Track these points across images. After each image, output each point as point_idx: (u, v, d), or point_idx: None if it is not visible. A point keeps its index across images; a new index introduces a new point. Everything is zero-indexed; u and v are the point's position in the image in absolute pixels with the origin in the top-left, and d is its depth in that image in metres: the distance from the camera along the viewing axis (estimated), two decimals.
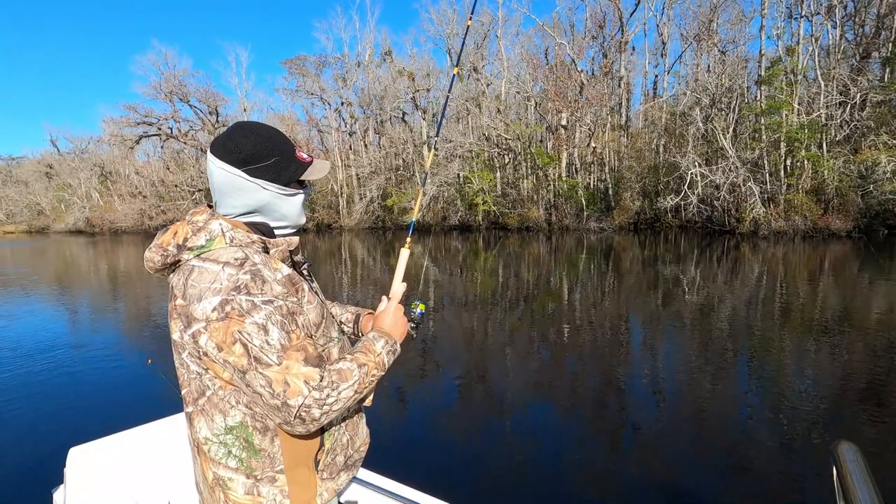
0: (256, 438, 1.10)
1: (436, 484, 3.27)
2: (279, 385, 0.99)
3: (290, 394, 0.99)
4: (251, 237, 1.10)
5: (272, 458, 1.11)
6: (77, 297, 12.27)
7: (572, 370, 5.96)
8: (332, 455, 1.20)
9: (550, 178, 31.74)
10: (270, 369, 0.99)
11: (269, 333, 1.00)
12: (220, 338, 1.00)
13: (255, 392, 1.01)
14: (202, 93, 46.38)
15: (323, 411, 1.02)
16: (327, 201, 41.63)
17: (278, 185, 1.12)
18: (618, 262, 16.14)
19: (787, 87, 24.47)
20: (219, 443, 1.10)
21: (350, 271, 15.98)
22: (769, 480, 3.36)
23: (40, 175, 63.43)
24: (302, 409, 1.00)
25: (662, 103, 31.63)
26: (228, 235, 1.08)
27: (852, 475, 0.82)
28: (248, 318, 0.99)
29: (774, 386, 5.13)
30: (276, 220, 1.17)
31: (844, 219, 21.95)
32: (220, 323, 0.99)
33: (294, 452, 1.13)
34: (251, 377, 1.00)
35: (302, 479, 1.15)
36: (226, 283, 1.00)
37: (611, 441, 4.06)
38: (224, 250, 1.06)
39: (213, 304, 0.99)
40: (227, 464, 1.10)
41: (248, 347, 0.99)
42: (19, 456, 3.74)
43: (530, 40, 37.22)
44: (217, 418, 1.09)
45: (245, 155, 1.08)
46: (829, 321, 7.70)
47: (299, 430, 1.04)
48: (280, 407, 1.00)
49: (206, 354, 1.03)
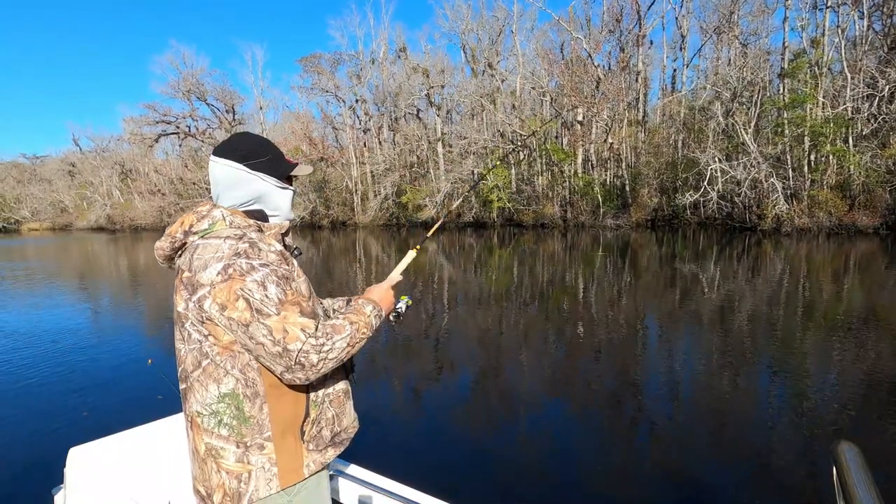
0: (246, 405, 1.19)
1: (448, 483, 3.23)
2: (279, 332, 1.11)
3: (289, 340, 1.11)
4: (248, 221, 1.27)
5: (260, 425, 1.20)
6: (83, 295, 12.43)
7: (588, 369, 5.85)
8: (317, 427, 1.28)
9: (566, 174, 31.43)
10: (270, 319, 1.11)
11: (268, 289, 1.13)
12: (225, 297, 1.12)
13: (258, 343, 1.12)
14: (219, 91, 47.02)
15: (320, 357, 1.13)
16: (342, 198, 41.85)
17: (275, 178, 1.31)
18: (635, 260, 15.89)
19: (812, 80, 23.80)
20: (211, 413, 1.20)
21: (365, 267, 16.00)
22: (789, 481, 3.25)
23: (63, 173, 64.95)
24: (301, 353, 1.11)
25: (681, 98, 31.04)
26: (228, 220, 1.25)
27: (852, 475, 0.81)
28: (249, 277, 1.12)
29: (796, 386, 4.96)
30: (272, 210, 1.33)
31: (871, 215, 21.33)
32: (224, 284, 1.12)
33: (281, 419, 1.22)
34: (254, 329, 1.11)
35: (289, 448, 1.24)
36: (227, 251, 1.15)
37: (627, 440, 3.97)
38: (225, 230, 1.22)
39: (217, 269, 1.13)
40: (219, 432, 1.19)
41: (250, 301, 1.11)
42: (19, 456, 3.74)
43: (546, 35, 36.84)
44: (211, 387, 1.19)
45: (244, 152, 1.28)
46: (855, 320, 7.44)
47: (300, 376, 1.13)
48: (281, 353, 1.11)
49: (210, 318, 1.15)
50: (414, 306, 9.42)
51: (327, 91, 42.80)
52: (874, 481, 0.79)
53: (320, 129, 45.12)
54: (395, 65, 41.30)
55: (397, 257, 19.03)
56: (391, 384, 5.18)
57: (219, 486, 1.21)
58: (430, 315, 8.81)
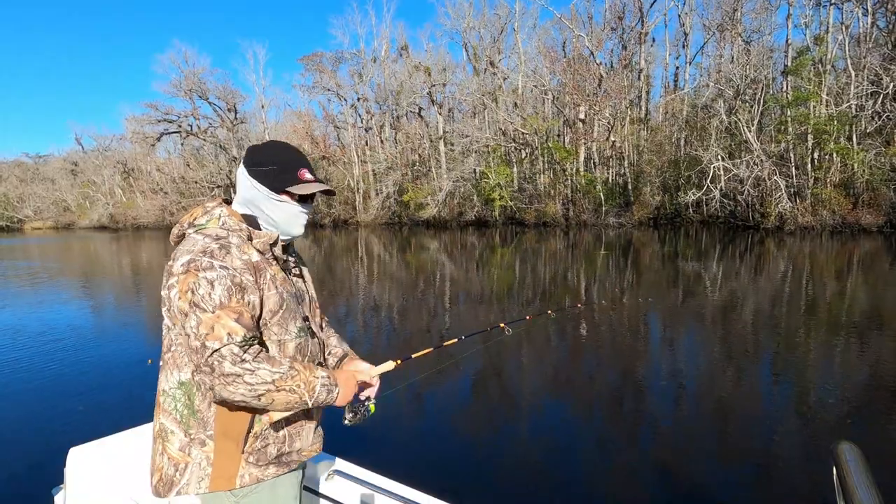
0: (197, 399, 1.22)
1: (449, 483, 3.22)
2: (205, 327, 1.11)
3: (210, 337, 1.11)
4: (241, 225, 1.29)
5: (205, 422, 1.23)
6: (84, 294, 12.46)
7: (590, 368, 5.83)
8: (262, 441, 1.27)
9: (568, 172, 31.36)
10: (205, 314, 1.12)
11: (214, 289, 1.14)
12: (181, 287, 1.15)
13: (186, 334, 1.14)
14: (221, 90, 46.99)
15: (234, 371, 1.10)
16: (344, 197, 41.86)
17: (267, 189, 1.30)
18: (637, 258, 15.86)
19: (815, 78, 23.68)
20: (171, 396, 1.24)
21: (367, 266, 16.00)
22: (790, 481, 3.24)
23: (66, 172, 65.11)
24: (216, 355, 1.10)
25: (683, 95, 30.94)
26: (223, 220, 1.28)
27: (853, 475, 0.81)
28: (202, 273, 1.14)
29: (797, 385, 4.95)
30: (265, 220, 1.34)
31: (875, 213, 21.25)
32: (183, 276, 1.15)
33: (225, 422, 1.23)
34: (188, 319, 1.13)
35: (228, 452, 1.23)
36: (199, 247, 1.18)
37: (628, 439, 3.96)
38: (213, 228, 1.25)
39: (182, 262, 1.17)
40: (174, 416, 1.23)
41: (194, 294, 1.13)
42: (20, 456, 3.74)
43: (548, 33, 36.80)
44: (174, 373, 1.23)
45: (253, 161, 1.32)
46: (858, 319, 7.40)
47: (206, 381, 1.11)
48: (199, 348, 1.11)
49: (172, 307, 1.18)
50: (414, 306, 9.39)
51: (329, 90, 42.80)
52: (874, 481, 0.79)
53: (322, 127, 45.21)
54: (397, 63, 41.29)
55: (398, 256, 19.07)
56: (390, 384, 5.17)
57: (158, 468, 1.25)
58: (430, 313, 8.80)
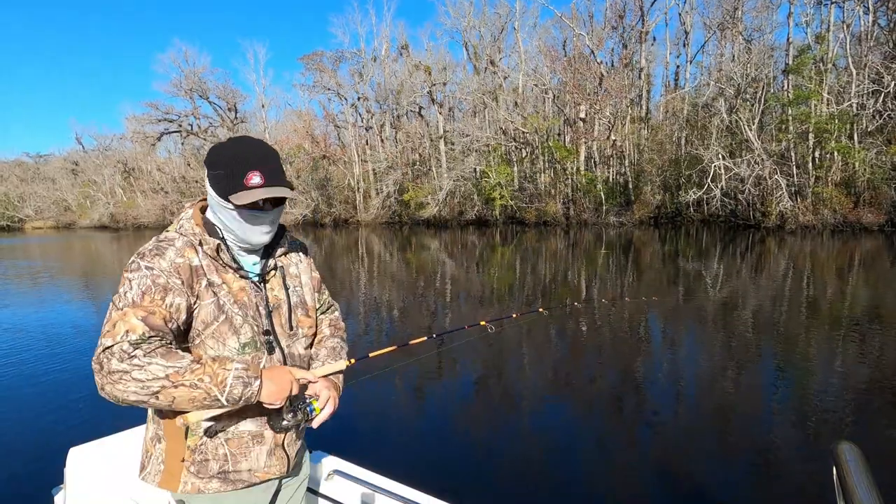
0: None
1: (449, 483, 3.22)
2: (110, 324, 1.11)
3: (107, 333, 1.09)
4: (195, 230, 1.26)
5: (158, 420, 1.28)
6: (85, 294, 12.45)
7: (590, 367, 5.82)
8: (200, 455, 1.26)
9: (569, 171, 31.34)
10: (116, 311, 1.12)
11: (132, 288, 1.14)
12: None
13: None
14: (221, 89, 47.02)
15: (121, 368, 1.04)
16: (344, 196, 41.87)
17: (216, 194, 1.24)
18: (638, 257, 15.84)
19: (816, 77, 23.64)
20: None
21: (367, 266, 16.00)
22: (790, 481, 3.24)
23: (66, 172, 65.14)
24: (106, 352, 1.06)
25: (684, 94, 30.89)
26: (182, 223, 1.28)
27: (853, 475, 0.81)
28: (129, 273, 1.17)
29: (798, 385, 4.94)
30: (226, 230, 1.29)
31: (876, 212, 21.22)
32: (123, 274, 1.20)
33: (170, 424, 1.25)
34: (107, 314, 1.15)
35: (175, 455, 1.26)
36: (141, 248, 1.21)
37: (629, 439, 3.95)
38: (171, 231, 1.27)
39: None
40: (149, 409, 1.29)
41: (117, 291, 1.16)
42: (20, 456, 3.74)
43: (548, 32, 36.75)
44: None
45: (208, 162, 1.26)
46: (859, 319, 7.39)
47: (96, 380, 1.06)
48: (99, 343, 1.09)
49: None
50: (414, 306, 9.37)
51: (329, 89, 42.76)
52: (874, 481, 0.79)
53: (322, 126, 45.16)
54: (397, 62, 41.26)
55: (399, 256, 19.06)
56: (391, 383, 5.17)
57: (143, 448, 1.34)
58: (430, 312, 8.80)
